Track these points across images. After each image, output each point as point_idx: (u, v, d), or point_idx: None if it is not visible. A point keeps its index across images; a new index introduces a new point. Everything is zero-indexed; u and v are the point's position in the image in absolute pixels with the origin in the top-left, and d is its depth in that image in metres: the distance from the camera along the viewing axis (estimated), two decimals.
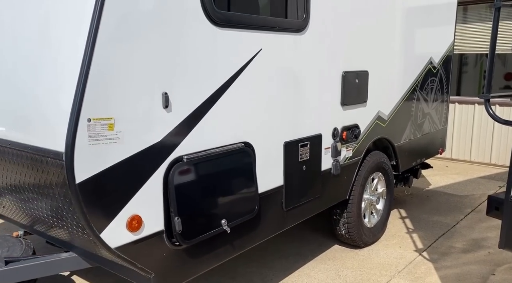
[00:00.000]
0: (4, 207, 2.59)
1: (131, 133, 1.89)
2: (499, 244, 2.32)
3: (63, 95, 1.73)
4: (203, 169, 2.23)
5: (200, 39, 2.16)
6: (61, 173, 1.74)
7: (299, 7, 2.77)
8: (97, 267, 2.54)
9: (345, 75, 3.26)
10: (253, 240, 2.67)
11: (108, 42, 1.75)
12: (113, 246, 1.88)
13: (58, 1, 1.87)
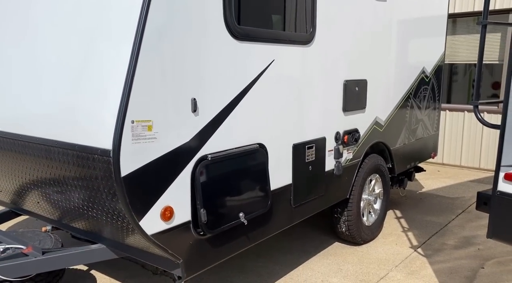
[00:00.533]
0: (39, 203, 2.83)
1: (165, 134, 2.16)
2: (487, 234, 2.61)
3: (110, 100, 1.99)
4: (224, 167, 2.50)
5: (223, 51, 2.44)
6: (108, 168, 1.99)
7: (306, 23, 3.06)
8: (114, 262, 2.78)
9: (346, 83, 3.55)
10: (266, 232, 2.93)
11: (150, 54, 2.02)
12: (149, 233, 2.14)
13: (105, 17, 2.14)
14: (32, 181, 2.70)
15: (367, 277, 3.59)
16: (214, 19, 2.36)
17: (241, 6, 2.52)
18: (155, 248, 2.25)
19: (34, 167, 2.51)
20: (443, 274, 3.64)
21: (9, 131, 2.59)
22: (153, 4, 2.01)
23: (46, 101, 2.39)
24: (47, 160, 2.34)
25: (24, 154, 2.50)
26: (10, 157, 2.69)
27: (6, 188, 3.10)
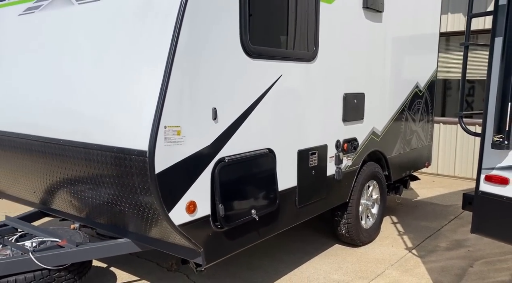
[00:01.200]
0: (71, 201, 3.16)
1: (191, 138, 2.51)
2: (471, 229, 2.94)
3: (146, 109, 2.35)
4: (239, 168, 2.85)
5: (238, 67, 2.81)
6: (144, 166, 2.33)
7: (310, 42, 3.44)
8: (132, 260, 3.09)
9: (346, 96, 3.93)
10: (274, 229, 3.26)
11: (180, 71, 2.39)
12: (177, 223, 2.47)
13: (142, 38, 2.51)
14: (67, 182, 3.03)
15: (365, 274, 3.90)
16: (231, 40, 2.74)
17: (254, 28, 2.90)
18: (180, 238, 2.58)
19: (72, 168, 2.85)
20: (435, 272, 3.96)
21: (49, 136, 2.93)
22: (183, 29, 2.38)
23: (86, 110, 2.74)
24: (85, 161, 2.68)
25: (63, 156, 2.84)
26: (48, 160, 3.03)
27: (39, 189, 3.43)
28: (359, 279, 3.82)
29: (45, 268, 2.81)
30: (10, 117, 3.26)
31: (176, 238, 2.62)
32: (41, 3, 3.35)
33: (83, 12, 2.98)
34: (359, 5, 3.98)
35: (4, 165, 3.50)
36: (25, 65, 3.29)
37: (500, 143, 2.68)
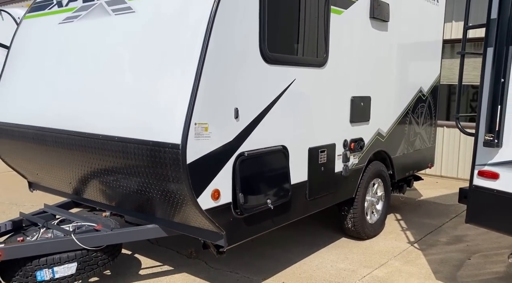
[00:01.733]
0: (105, 191, 3.53)
1: (216, 134, 2.86)
2: (465, 220, 3.25)
3: (179, 108, 2.70)
4: (257, 162, 3.19)
5: (257, 72, 3.16)
6: (176, 158, 2.69)
7: (320, 49, 3.79)
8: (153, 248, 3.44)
9: (353, 99, 4.26)
10: (287, 218, 3.59)
11: (208, 75, 2.75)
12: (204, 208, 2.82)
13: (174, 44, 2.87)
14: (102, 173, 3.40)
15: (370, 264, 4.22)
16: (251, 48, 3.09)
17: (271, 37, 3.25)
18: (205, 221, 2.92)
19: (109, 160, 3.22)
20: (434, 263, 4.26)
21: (89, 132, 3.30)
22: (211, 39, 2.74)
23: (123, 108, 3.11)
24: (123, 153, 3.04)
25: (102, 149, 3.21)
26: (86, 154, 3.40)
27: (74, 180, 3.80)
28: (364, 268, 4.13)
29: (84, 248, 3.18)
30: (53, 115, 3.64)
31: (202, 221, 2.97)
32: (80, 13, 3.74)
33: (119, 21, 3.36)
34: (366, 15, 4.32)
35: (44, 158, 3.88)
36: (65, 68, 3.68)
37: (491, 141, 3.00)
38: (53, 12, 4.06)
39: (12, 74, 4.23)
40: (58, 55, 3.79)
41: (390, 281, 3.87)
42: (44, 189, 4.47)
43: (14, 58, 4.27)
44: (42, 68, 3.91)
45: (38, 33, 4.11)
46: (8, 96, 4.17)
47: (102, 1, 3.57)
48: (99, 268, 3.31)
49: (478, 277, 3.98)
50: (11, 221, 3.57)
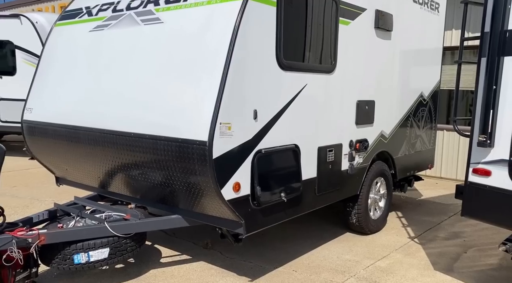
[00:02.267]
0: (133, 184, 3.87)
1: (237, 133, 3.20)
2: (461, 213, 3.58)
3: (206, 108, 3.05)
4: (273, 158, 3.53)
5: (273, 77, 3.51)
6: (203, 153, 3.03)
7: (329, 57, 4.13)
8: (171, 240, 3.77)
9: (359, 103, 4.60)
10: (298, 211, 3.93)
11: (232, 80, 3.09)
12: (226, 199, 3.16)
13: (203, 51, 3.23)
14: (131, 168, 3.74)
15: (373, 255, 4.55)
16: (269, 56, 3.44)
17: (286, 46, 3.59)
18: (227, 211, 3.26)
19: (139, 155, 3.56)
20: (433, 256, 4.59)
21: (121, 130, 3.65)
22: (235, 48, 3.09)
23: (154, 109, 3.46)
24: (153, 149, 3.38)
25: (133, 146, 3.55)
26: (118, 150, 3.74)
27: (103, 175, 4.15)
28: (367, 259, 4.46)
29: (116, 235, 3.52)
30: (86, 115, 3.98)
31: (224, 211, 3.31)
32: (110, 22, 4.10)
33: (148, 30, 3.72)
34: (371, 26, 4.67)
35: (75, 155, 4.23)
36: (97, 72, 4.03)
37: (484, 142, 3.34)
38: (83, 21, 4.41)
39: (44, 76, 4.58)
40: (90, 60, 4.15)
41: (392, 271, 4.20)
42: (71, 183, 4.81)
43: (46, 62, 4.62)
44: (74, 71, 4.26)
45: (70, 40, 4.47)
46: (41, 97, 4.53)
47: (131, 12, 3.93)
48: (127, 254, 3.65)
49: (473, 268, 4.30)
50: (47, 211, 3.92)
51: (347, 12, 4.27)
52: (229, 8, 3.19)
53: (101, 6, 4.32)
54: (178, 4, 3.58)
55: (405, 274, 4.13)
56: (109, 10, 4.19)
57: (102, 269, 4.04)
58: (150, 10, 3.77)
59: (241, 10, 3.14)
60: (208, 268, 4.17)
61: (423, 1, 5.61)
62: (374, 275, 4.10)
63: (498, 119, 3.28)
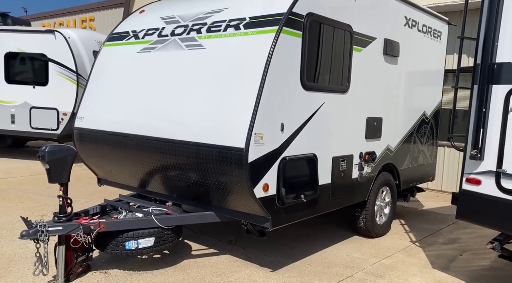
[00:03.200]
0: (173, 185, 4.50)
1: (268, 142, 3.84)
2: (456, 216, 4.17)
3: (244, 121, 3.69)
4: (295, 165, 4.16)
5: (298, 96, 4.15)
6: (240, 158, 3.66)
7: (344, 79, 4.78)
8: (198, 237, 4.38)
9: (368, 119, 5.24)
10: (315, 211, 4.54)
11: (265, 98, 3.74)
12: (257, 197, 3.78)
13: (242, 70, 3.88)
14: (173, 170, 4.38)
15: (378, 255, 5.13)
16: (294, 79, 4.09)
17: (309, 70, 4.25)
18: (257, 207, 3.88)
19: (182, 160, 4.19)
20: (432, 257, 5.16)
21: (167, 137, 4.29)
22: (269, 72, 3.75)
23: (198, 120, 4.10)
24: (196, 154, 4.02)
25: (177, 151, 4.19)
26: (163, 155, 4.38)
27: (145, 176, 4.78)
28: (373, 257, 5.04)
29: (160, 226, 4.13)
30: (134, 124, 4.63)
31: (254, 207, 3.93)
32: (156, 45, 4.79)
33: (192, 54, 4.39)
34: (380, 52, 5.33)
35: (122, 159, 4.87)
36: (144, 87, 4.70)
37: (475, 155, 3.95)
38: (130, 43, 5.11)
39: (94, 90, 5.26)
40: (138, 77, 4.82)
41: (395, 267, 4.78)
42: (111, 184, 5.45)
43: (96, 78, 5.31)
44: (123, 86, 4.94)
45: (118, 58, 5.16)
46: (92, 108, 5.20)
47: (176, 38, 4.62)
48: (168, 243, 4.26)
49: (467, 268, 4.87)
50: (99, 205, 4.54)
51: (360, 41, 4.94)
52: (264, 39, 3.86)
53: (147, 31, 5.02)
54: (218, 33, 4.26)
55: (407, 271, 4.71)
56: (154, 35, 4.88)
57: (142, 258, 4.65)
58: (193, 37, 4.45)
59: (274, 41, 3.81)
60: (233, 260, 4.76)
61: (427, 30, 6.29)
62: (379, 270, 4.68)
63: (487, 137, 3.90)
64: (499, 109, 3.78)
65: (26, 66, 10.23)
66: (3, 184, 8.18)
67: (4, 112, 10.19)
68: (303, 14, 4.06)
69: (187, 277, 4.27)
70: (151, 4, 5.71)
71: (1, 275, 4.13)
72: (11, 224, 5.69)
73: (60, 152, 3.75)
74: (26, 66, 10.22)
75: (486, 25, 3.86)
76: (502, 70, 3.77)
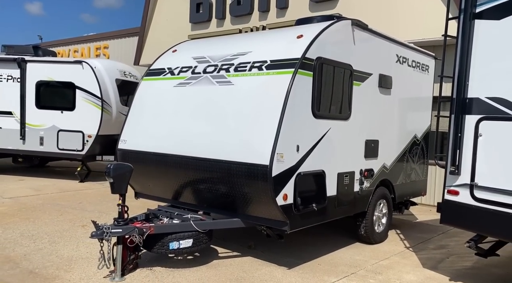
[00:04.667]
0: (205, 196, 5.42)
1: (287, 160, 4.78)
2: (440, 221, 5.08)
3: (268, 143, 4.64)
4: (308, 179, 5.09)
5: (309, 124, 5.12)
6: (265, 173, 4.59)
7: (346, 109, 5.76)
8: (220, 242, 5.27)
9: (367, 141, 6.20)
10: (323, 218, 5.45)
11: (285, 125, 4.71)
12: (279, 204, 4.70)
13: (265, 103, 4.87)
14: (204, 183, 5.30)
15: (377, 257, 6.01)
16: (307, 109, 5.07)
17: (318, 102, 5.22)
18: (278, 213, 4.78)
19: (214, 175, 5.12)
20: (423, 259, 6.04)
21: (202, 157, 5.23)
22: (287, 105, 4.73)
23: (230, 142, 5.04)
24: (227, 170, 4.96)
25: (210, 167, 5.12)
26: (197, 172, 5.31)
27: (180, 189, 5.70)
28: (373, 259, 5.92)
29: (197, 230, 5.03)
30: (173, 145, 5.58)
31: (275, 213, 4.84)
32: (190, 81, 5.79)
33: (222, 89, 5.38)
34: (375, 85, 6.35)
35: (160, 175, 5.80)
36: (181, 115, 5.67)
37: (453, 171, 4.90)
38: (167, 78, 6.12)
39: (136, 117, 6.24)
40: (175, 107, 5.81)
41: (392, 267, 5.65)
42: (147, 197, 6.37)
43: (137, 107, 6.29)
44: (162, 114, 5.92)
45: (157, 91, 6.16)
46: (133, 132, 6.16)
47: (208, 75, 5.62)
48: (203, 245, 5.15)
49: (452, 268, 5.75)
50: (144, 214, 5.44)
51: (358, 77, 5.95)
52: (283, 78, 4.86)
53: (181, 68, 6.03)
54: (244, 72, 5.26)
55: (401, 269, 5.58)
56: (188, 72, 5.89)
57: (178, 259, 5.52)
58: (223, 75, 5.46)
59: (292, 80, 4.81)
60: (255, 261, 5.63)
61: (416, 65, 7.34)
62: (378, 269, 5.56)
63: (463, 156, 4.85)
64: (471, 134, 4.74)
65: (55, 93, 11.24)
66: (38, 199, 9.06)
67: (34, 135, 11.14)
68: (313, 58, 5.07)
69: (218, 273, 5.14)
70: (181, 44, 6.75)
71: (67, 271, 5.00)
72: (59, 232, 6.57)
73: (121, 168, 4.68)
74: (56, 93, 11.24)
75: (459, 67, 4.87)
76: (472, 104, 4.76)
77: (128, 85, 11.67)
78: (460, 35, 4.84)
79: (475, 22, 4.72)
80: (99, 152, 11.31)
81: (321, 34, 5.21)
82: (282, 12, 12.15)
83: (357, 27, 5.82)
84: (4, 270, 5.00)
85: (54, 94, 11.30)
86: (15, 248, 5.80)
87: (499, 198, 4.46)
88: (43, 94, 11.21)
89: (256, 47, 5.48)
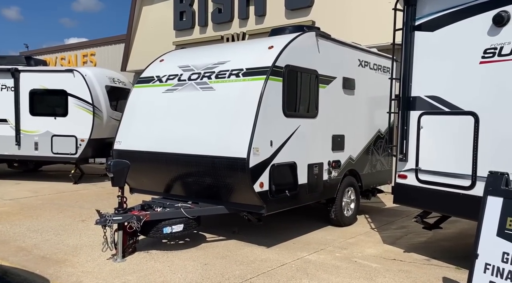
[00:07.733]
0: (191, 187, 6.24)
1: (262, 153, 5.63)
2: (393, 201, 5.99)
3: (246, 139, 5.49)
4: (281, 169, 5.95)
5: (280, 122, 5.98)
6: (243, 165, 5.43)
7: (314, 108, 6.64)
8: (207, 229, 6.10)
9: (333, 136, 7.09)
10: (296, 203, 6.32)
11: (259, 124, 5.57)
12: (256, 191, 5.55)
13: (243, 105, 5.71)
14: (191, 177, 6.12)
15: (345, 236, 6.91)
16: (278, 109, 5.93)
17: (288, 103, 6.08)
18: (256, 199, 5.63)
19: (198, 169, 5.95)
20: (385, 237, 6.96)
21: (187, 153, 6.05)
22: (261, 107, 5.58)
23: (211, 140, 5.88)
24: (211, 164, 5.78)
25: (195, 162, 5.94)
26: (183, 167, 6.13)
27: (170, 183, 6.51)
28: (341, 238, 6.82)
29: (187, 216, 5.84)
30: (163, 144, 6.39)
31: (253, 199, 5.68)
32: (176, 87, 6.60)
33: (205, 94, 6.21)
34: (340, 87, 7.25)
35: (153, 171, 6.60)
36: (169, 117, 6.48)
37: (402, 158, 5.81)
38: (156, 85, 6.92)
39: (128, 121, 7.02)
40: (164, 111, 6.61)
41: (356, 243, 6.55)
42: (141, 191, 7.15)
43: (129, 112, 7.07)
44: (152, 117, 6.72)
45: (147, 97, 6.96)
46: (127, 134, 6.94)
47: (192, 82, 6.44)
48: (192, 229, 5.97)
49: (408, 243, 6.68)
50: (139, 205, 6.23)
51: (324, 80, 6.84)
52: (257, 84, 5.71)
53: (168, 76, 6.84)
54: (224, 79, 6.10)
55: (364, 245, 6.49)
56: (175, 79, 6.71)
57: (171, 243, 6.32)
58: (205, 82, 6.29)
59: (264, 85, 5.66)
60: (238, 243, 6.46)
61: (377, 68, 8.28)
62: (344, 245, 6.45)
63: (409, 146, 5.77)
64: (415, 127, 5.67)
65: (48, 100, 11.91)
66: (37, 200, 9.74)
67: (29, 141, 11.79)
68: (282, 66, 5.94)
69: (206, 253, 5.96)
70: (168, 54, 7.57)
71: (74, 255, 5.77)
72: (62, 226, 7.31)
73: (120, 164, 5.47)
74: (48, 100, 11.90)
75: (403, 70, 5.79)
76: (415, 102, 5.68)
77: (117, 91, 12.41)
78: (403, 44, 5.77)
79: (415, 33, 5.65)
80: (92, 155, 12.02)
81: (288, 45, 6.09)
82: (260, 19, 13.04)
83: (321, 37, 6.71)
84: (19, 257, 5.74)
85: (47, 101, 11.96)
86: (24, 239, 6.53)
87: (437, 179, 5.39)
88: (36, 102, 11.86)
89: (234, 57, 6.32)
